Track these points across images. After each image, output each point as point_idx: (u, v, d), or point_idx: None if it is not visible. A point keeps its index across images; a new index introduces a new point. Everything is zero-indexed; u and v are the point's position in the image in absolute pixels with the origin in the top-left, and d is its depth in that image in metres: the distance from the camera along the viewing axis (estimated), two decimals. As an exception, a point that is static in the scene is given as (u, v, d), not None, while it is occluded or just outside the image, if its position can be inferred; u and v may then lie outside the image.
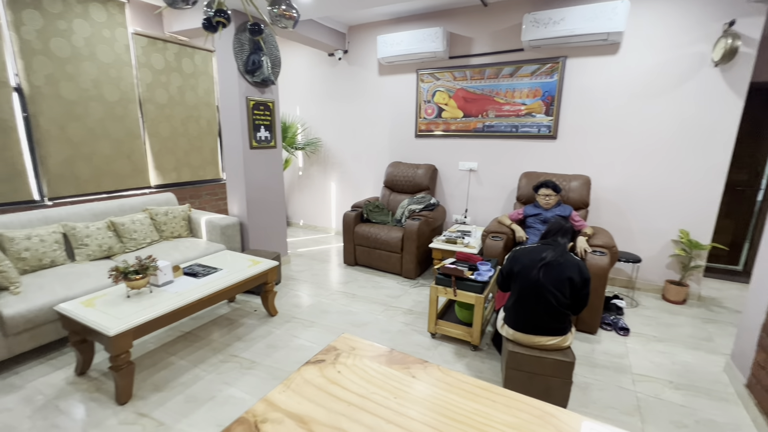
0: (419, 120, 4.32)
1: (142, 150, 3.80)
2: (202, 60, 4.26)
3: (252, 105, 3.44)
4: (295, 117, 5.28)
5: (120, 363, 1.89)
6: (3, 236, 2.50)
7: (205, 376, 2.19)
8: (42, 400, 1.97)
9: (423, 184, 4.13)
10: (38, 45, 2.98)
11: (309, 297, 3.28)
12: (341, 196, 5.18)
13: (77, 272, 2.60)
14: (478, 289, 2.39)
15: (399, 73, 4.35)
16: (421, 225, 3.56)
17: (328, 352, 1.03)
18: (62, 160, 3.22)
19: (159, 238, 3.37)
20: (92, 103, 3.36)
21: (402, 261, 3.68)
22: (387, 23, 4.26)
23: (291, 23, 1.71)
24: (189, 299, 2.16)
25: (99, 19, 3.33)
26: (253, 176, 3.59)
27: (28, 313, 2.17)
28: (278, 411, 0.84)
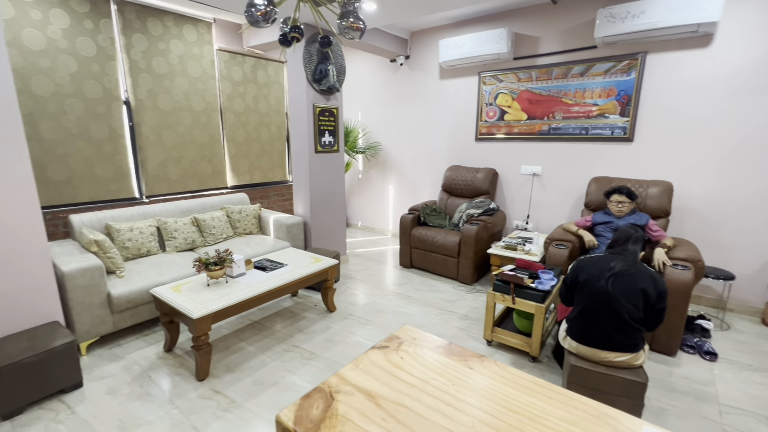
0: (480, 123, 4.25)
1: (221, 154, 4.21)
2: (274, 71, 4.61)
3: (318, 111, 3.64)
4: (356, 122, 5.48)
5: (200, 343, 2.12)
6: (112, 228, 2.94)
7: (270, 363, 2.37)
8: (138, 370, 2.28)
9: (482, 189, 4.05)
10: (143, 64, 3.45)
11: (365, 296, 3.38)
12: (399, 199, 5.25)
13: (167, 261, 2.96)
14: (538, 299, 2.29)
15: (460, 76, 4.32)
16: (479, 230, 3.50)
17: (391, 340, 1.11)
18: (157, 163, 3.68)
19: (233, 234, 3.71)
20: (182, 112, 3.80)
21: (458, 265, 3.64)
22: (449, 27, 4.26)
23: (358, 34, 1.81)
24: (259, 290, 2.36)
25: (190, 39, 3.76)
26: (317, 179, 3.79)
27: (130, 294, 2.52)
28: (349, 385, 0.94)
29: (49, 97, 2.94)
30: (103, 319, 2.46)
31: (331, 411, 0.85)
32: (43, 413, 1.92)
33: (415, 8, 3.09)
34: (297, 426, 0.80)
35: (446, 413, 0.84)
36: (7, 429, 1.82)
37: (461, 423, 0.80)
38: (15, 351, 1.93)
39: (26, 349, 1.94)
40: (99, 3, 3.11)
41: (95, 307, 2.41)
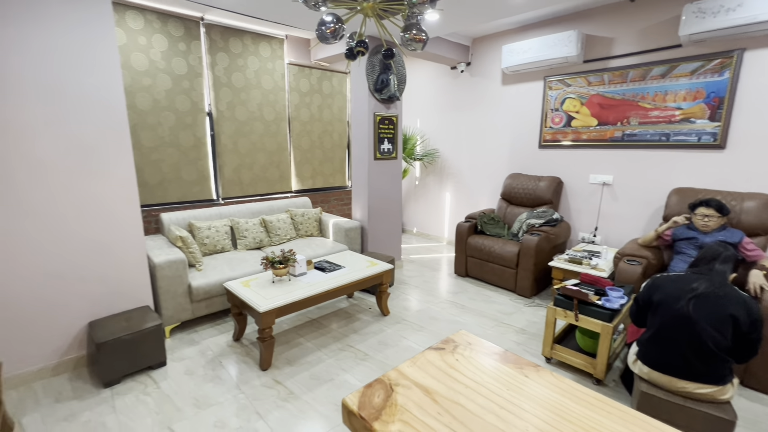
0: (544, 129, 4.07)
1: (287, 160, 4.51)
2: (338, 81, 4.84)
3: (378, 120, 3.76)
4: (415, 129, 5.54)
5: (265, 336, 2.29)
6: (194, 226, 3.28)
7: (326, 360, 2.48)
8: (211, 355, 2.52)
9: (545, 198, 3.87)
10: (224, 79, 3.84)
11: (419, 302, 3.39)
12: (455, 207, 5.20)
13: (238, 258, 3.23)
14: (605, 317, 2.14)
15: (524, 81, 4.18)
16: (540, 241, 3.34)
17: (447, 343, 1.16)
18: (233, 169, 4.04)
19: (296, 236, 3.94)
20: (256, 122, 4.15)
21: (517, 277, 3.50)
22: (513, 32, 4.16)
23: (420, 45, 1.86)
24: (318, 290, 2.49)
25: (265, 55, 4.10)
26: (375, 185, 3.90)
27: (207, 286, 2.80)
28: (407, 379, 1.01)
29: (148, 110, 3.39)
30: (184, 306, 2.76)
31: (391, 401, 0.92)
32: (135, 385, 2.21)
33: (480, 15, 3.08)
34: (361, 410, 0.88)
35: (500, 415, 0.85)
36: (107, 395, 2.12)
37: (515, 426, 0.81)
38: (116, 329, 2.24)
39: (124, 328, 2.25)
40: (191, 27, 3.52)
41: (178, 296, 2.72)
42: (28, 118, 2.04)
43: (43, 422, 1.91)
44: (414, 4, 1.78)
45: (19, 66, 1.98)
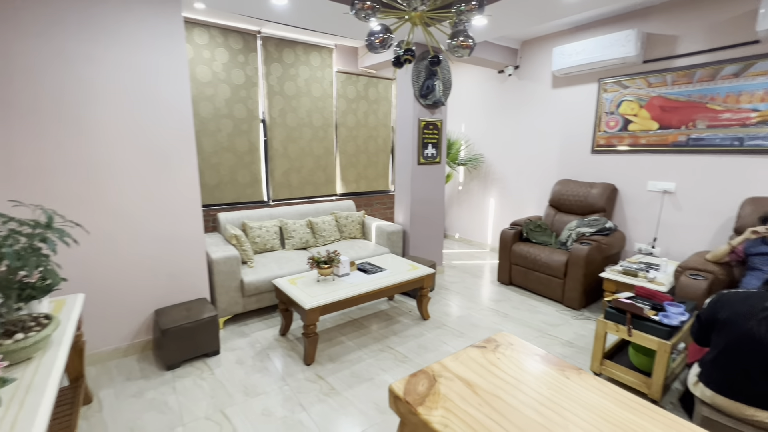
0: (597, 134, 3.88)
1: (333, 165, 4.67)
2: (383, 88, 4.94)
3: (423, 125, 3.79)
4: (459, 134, 5.50)
5: (309, 332, 2.40)
6: (247, 225, 3.51)
7: (366, 359, 2.53)
8: (259, 347, 2.67)
9: (597, 205, 3.68)
10: (277, 88, 4.07)
11: (459, 308, 3.36)
12: (500, 213, 5.08)
13: (286, 257, 3.40)
14: (663, 334, 2.00)
15: (576, 84, 4.02)
16: (591, 250, 3.18)
17: (489, 342, 1.21)
18: (282, 172, 4.26)
19: (340, 237, 4.06)
20: (305, 128, 4.34)
21: (564, 287, 3.36)
22: (565, 33, 4.02)
23: (467, 52, 1.87)
24: (361, 290, 2.56)
25: (315, 64, 4.29)
26: (418, 190, 3.93)
27: (257, 282, 2.98)
28: (450, 372, 1.08)
29: (209, 118, 3.68)
30: (236, 300, 2.95)
31: (434, 390, 0.99)
32: (192, 370, 2.40)
33: (530, 18, 3.02)
34: (406, 396, 0.96)
35: (540, 411, 0.87)
36: (168, 377, 2.33)
37: (554, 422, 0.82)
38: (178, 317, 2.45)
39: (185, 317, 2.45)
40: (249, 40, 3.78)
41: (231, 290, 2.91)
42: (114, 125, 2.31)
43: (116, 397, 2.14)
44: (462, 11, 1.80)
45: (109, 80, 2.26)
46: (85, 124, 2.22)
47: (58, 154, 2.17)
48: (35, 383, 1.26)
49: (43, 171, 2.15)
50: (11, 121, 2.04)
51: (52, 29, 2.08)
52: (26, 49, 2.03)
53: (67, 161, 2.20)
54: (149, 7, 2.32)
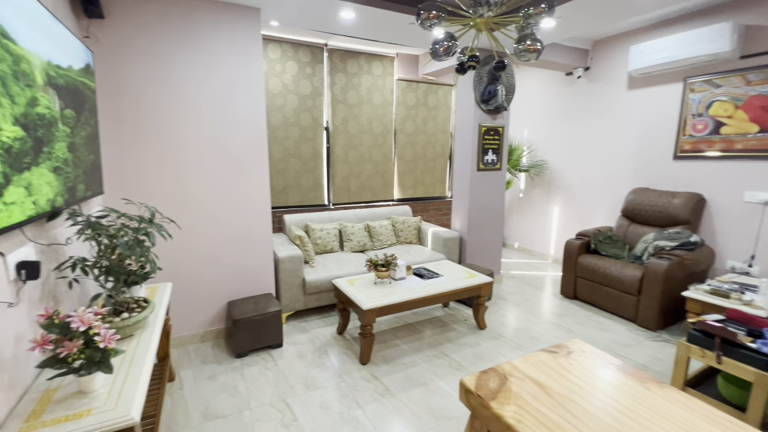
0: (682, 138, 3.52)
1: (391, 170, 4.75)
2: (443, 94, 4.94)
3: (483, 131, 3.73)
4: (521, 139, 5.30)
5: (366, 332, 2.46)
6: (309, 227, 3.70)
7: (421, 364, 2.54)
8: (318, 344, 2.80)
9: (680, 217, 3.33)
10: (341, 97, 4.26)
11: (518, 320, 3.22)
12: (564, 222, 4.80)
13: (344, 259, 3.53)
14: (762, 365, 1.76)
15: (656, 84, 3.69)
16: (671, 266, 2.89)
17: (559, 348, 1.21)
18: (342, 177, 4.44)
19: (396, 242, 4.12)
20: (365, 135, 4.49)
21: (638, 305, 3.08)
22: (644, 30, 3.72)
23: (535, 56, 1.83)
24: (417, 295, 2.58)
25: (377, 73, 4.43)
26: (477, 196, 3.86)
27: (317, 281, 3.13)
28: (520, 372, 1.10)
29: (278, 126, 3.95)
30: (298, 298, 3.13)
31: (506, 387, 1.02)
32: (258, 359, 2.59)
33: (605, 16, 2.84)
34: (478, 390, 1.00)
35: (617, 418, 0.84)
36: (238, 364, 2.53)
37: (634, 430, 0.77)
38: (247, 309, 2.66)
39: (253, 310, 2.66)
40: (317, 53, 4.01)
41: (294, 288, 3.09)
42: (200, 134, 2.59)
43: (194, 378, 2.38)
44: (530, 15, 1.77)
45: (198, 94, 2.54)
46: (177, 133, 2.52)
47: (155, 160, 2.49)
48: (136, 357, 1.45)
49: (143, 174, 2.47)
50: (121, 132, 2.38)
51: (155, 53, 2.40)
52: (133, 70, 2.36)
53: (162, 166, 2.51)
54: (234, 29, 2.58)
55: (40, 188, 1.29)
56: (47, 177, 1.35)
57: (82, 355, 1.17)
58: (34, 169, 1.25)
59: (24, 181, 1.18)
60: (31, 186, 1.23)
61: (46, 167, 1.35)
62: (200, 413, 2.05)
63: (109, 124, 2.34)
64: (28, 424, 1.11)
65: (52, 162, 1.40)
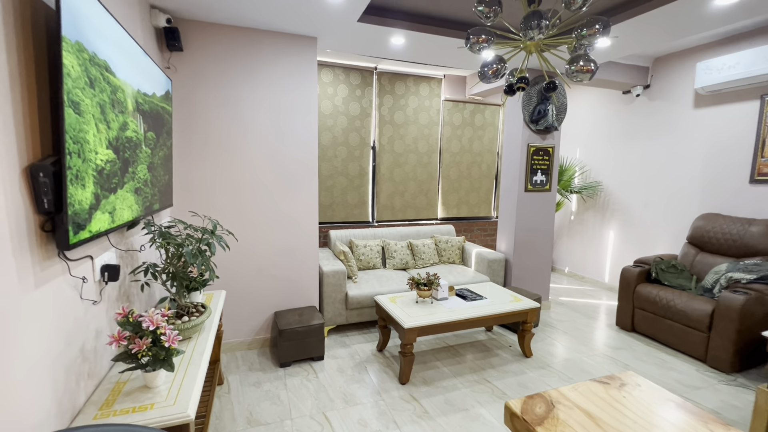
0: (760, 160, 3.20)
1: (435, 189, 4.76)
2: (490, 114, 4.91)
3: (532, 151, 3.65)
4: (573, 159, 5.10)
5: (406, 351, 2.45)
6: (353, 243, 3.79)
7: (461, 388, 2.46)
8: (358, 359, 2.82)
9: (758, 247, 3.00)
10: (388, 117, 4.38)
11: (567, 350, 3.04)
12: (620, 248, 4.49)
13: (387, 276, 3.56)
14: None
15: (727, 102, 3.42)
16: (748, 301, 2.60)
17: (612, 379, 1.19)
18: (387, 195, 4.51)
19: (438, 261, 4.08)
20: (410, 154, 4.56)
21: (709, 343, 2.78)
22: (711, 46, 3.48)
23: (588, 76, 1.79)
24: (459, 316, 2.53)
25: (424, 94, 4.52)
26: (524, 217, 3.75)
27: (360, 297, 3.17)
28: (568, 401, 1.07)
29: (328, 145, 4.14)
30: (340, 312, 3.19)
31: (553, 414, 1.00)
32: (300, 370, 2.66)
33: (666, 34, 2.72)
34: (524, 414, 0.99)
35: None
36: (281, 374, 2.61)
37: None
38: (292, 320, 2.76)
39: (298, 321, 2.75)
40: (366, 76, 4.19)
41: (337, 302, 3.16)
42: (260, 153, 2.79)
43: (240, 383, 2.49)
44: (583, 36, 1.74)
45: (258, 117, 2.76)
46: (238, 152, 2.74)
47: (218, 176, 2.71)
48: (193, 359, 1.56)
49: (207, 189, 2.70)
50: (190, 151, 2.63)
51: (225, 80, 2.65)
52: (205, 96, 2.62)
53: (224, 181, 2.73)
54: (293, 57, 2.79)
55: (122, 213, 1.45)
56: (129, 200, 1.51)
57: (149, 352, 1.29)
58: (119, 191, 1.41)
59: (110, 206, 1.32)
60: (114, 211, 1.37)
61: (129, 188, 1.52)
62: (245, 419, 2.14)
63: (180, 143, 2.60)
64: (102, 412, 1.24)
65: (135, 183, 1.59)
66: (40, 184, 1.03)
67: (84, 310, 1.32)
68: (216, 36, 2.60)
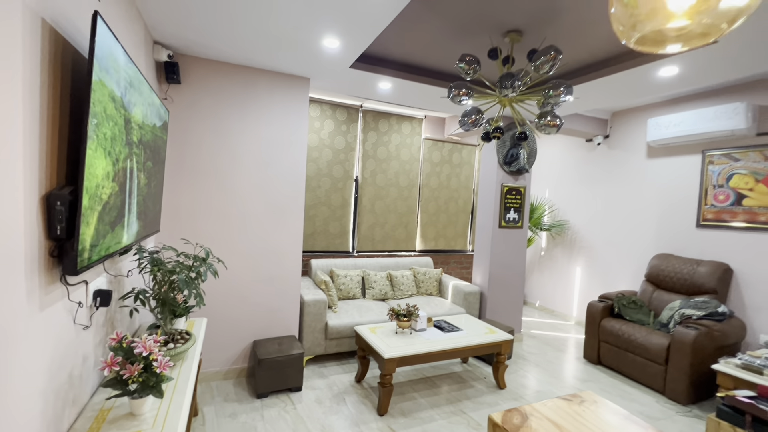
0: (704, 207, 3.58)
1: (414, 222, 4.94)
2: (467, 153, 5.23)
3: (505, 190, 3.91)
4: (543, 199, 5.45)
5: (386, 382, 2.49)
6: (334, 272, 3.85)
7: (438, 420, 2.51)
8: (336, 390, 2.82)
9: (706, 286, 3.29)
10: (371, 152, 4.59)
11: (539, 382, 3.15)
12: (587, 284, 4.76)
13: (366, 306, 3.61)
14: (797, 448, 1.69)
15: (675, 155, 3.84)
16: (699, 336, 2.83)
17: (574, 396, 1.47)
18: (368, 226, 4.64)
19: (416, 292, 4.19)
20: (391, 188, 4.75)
21: (666, 376, 2.98)
22: (660, 105, 3.95)
23: (554, 130, 2.04)
24: (438, 347, 2.62)
25: (406, 132, 4.78)
26: (498, 253, 3.95)
27: (339, 327, 3.21)
28: (539, 413, 1.34)
29: (312, 176, 4.27)
30: (319, 342, 3.20)
31: (527, 424, 1.26)
32: (278, 401, 2.63)
33: (622, 95, 3.09)
34: (504, 424, 1.24)
35: None
36: (258, 405, 2.57)
37: None
38: (271, 350, 2.75)
39: (278, 350, 2.75)
40: (352, 113, 4.42)
41: (317, 332, 3.18)
42: (248, 183, 2.88)
43: (216, 414, 2.44)
44: (550, 95, 2.00)
45: (249, 148, 2.87)
46: (228, 181, 2.82)
47: (206, 204, 2.76)
48: (178, 386, 1.58)
49: (194, 216, 2.74)
50: (181, 178, 2.69)
51: (219, 112, 2.76)
52: (198, 126, 2.72)
53: (212, 209, 2.78)
54: (286, 94, 2.96)
55: (120, 239, 1.51)
56: (129, 227, 1.58)
57: (140, 378, 1.31)
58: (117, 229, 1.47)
59: (111, 233, 1.40)
60: (114, 237, 1.45)
61: (132, 216, 1.58)
62: (220, 451, 2.09)
63: (171, 170, 2.66)
64: (87, 439, 1.24)
65: (136, 208, 1.65)
66: (56, 211, 1.09)
67: (75, 334, 1.34)
68: (213, 71, 2.74)
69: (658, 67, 2.48)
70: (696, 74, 2.59)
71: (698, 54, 2.24)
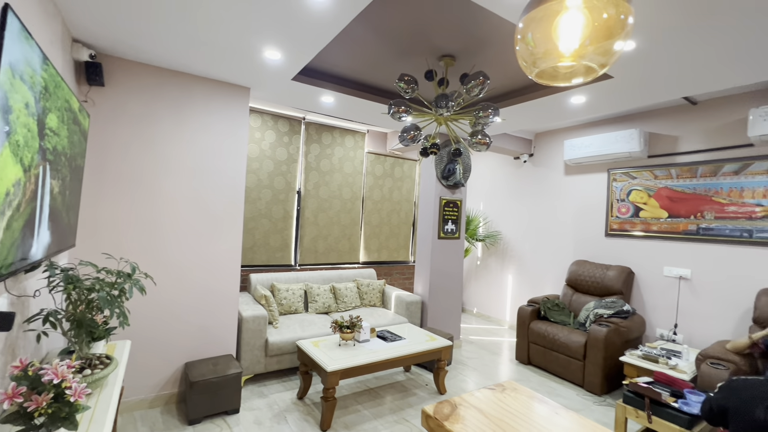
0: (611, 218, 4.09)
1: (358, 234, 4.98)
2: (408, 167, 5.43)
3: (443, 203, 4.12)
4: (478, 211, 5.81)
5: (329, 395, 2.46)
6: (275, 287, 3.73)
7: (382, 430, 2.53)
8: (277, 409, 2.71)
9: (614, 288, 3.74)
10: (314, 164, 4.58)
11: (476, 385, 3.32)
12: (517, 290, 5.14)
13: (309, 320, 3.55)
14: (683, 422, 1.99)
15: (587, 172, 4.35)
16: (609, 333, 3.20)
17: (498, 386, 1.78)
18: (311, 239, 4.59)
19: (360, 304, 4.20)
20: (335, 200, 4.76)
21: (584, 371, 3.31)
22: (574, 129, 4.47)
23: (485, 148, 2.22)
24: (381, 357, 2.66)
25: (349, 145, 4.85)
26: (438, 262, 4.13)
27: (280, 343, 3.11)
28: (467, 403, 1.57)
29: (252, 187, 4.14)
30: (259, 360, 3.06)
31: (456, 413, 1.47)
32: (213, 426, 2.46)
33: (541, 119, 3.46)
34: (435, 414, 1.45)
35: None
36: (189, 433, 2.39)
37: None
38: (206, 371, 2.58)
39: (212, 371, 2.58)
40: (295, 124, 4.39)
41: (256, 349, 3.04)
42: (182, 192, 2.72)
43: (139, 448, 2.21)
44: (480, 116, 2.18)
45: (183, 156, 2.72)
46: (156, 190, 2.64)
47: (131, 215, 2.55)
48: (96, 416, 1.43)
49: (119, 227, 2.51)
50: (101, 188, 2.46)
51: (147, 117, 2.60)
52: (123, 131, 2.53)
53: (137, 221, 2.57)
54: (225, 103, 2.87)
55: (25, 252, 1.36)
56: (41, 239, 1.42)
57: (49, 409, 1.17)
58: (23, 242, 1.33)
59: (14, 243, 1.26)
60: (18, 250, 1.30)
61: (38, 232, 1.43)
62: (145, 487, 1.91)
63: (90, 179, 2.42)
64: (-21, 486, 1.07)
65: (44, 227, 1.48)
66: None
67: (-34, 365, 1.16)
68: (143, 75, 2.58)
69: (569, 96, 2.83)
70: (599, 103, 3.00)
71: (600, 87, 2.61)
